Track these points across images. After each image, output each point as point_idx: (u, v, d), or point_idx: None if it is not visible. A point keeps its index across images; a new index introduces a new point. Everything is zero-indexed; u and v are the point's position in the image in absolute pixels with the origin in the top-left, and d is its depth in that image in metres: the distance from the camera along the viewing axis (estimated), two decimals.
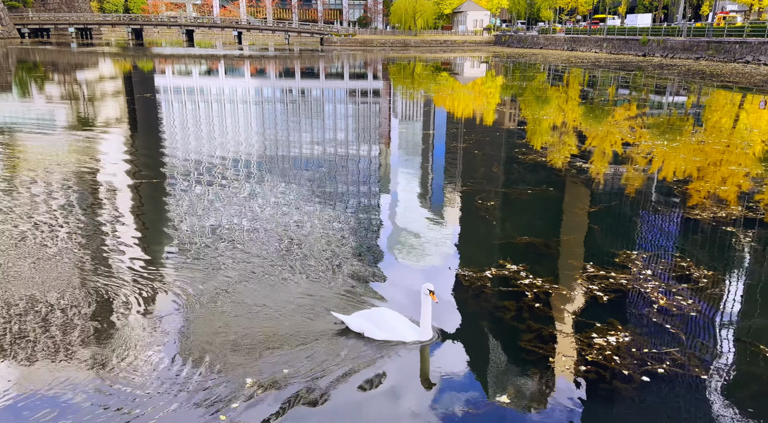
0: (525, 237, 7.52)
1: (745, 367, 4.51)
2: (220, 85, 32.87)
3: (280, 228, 7.77)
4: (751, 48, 41.55)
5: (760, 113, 21.01)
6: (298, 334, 4.94)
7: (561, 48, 71.18)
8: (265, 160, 12.45)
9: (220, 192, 9.67)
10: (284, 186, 10.16)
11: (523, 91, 28.34)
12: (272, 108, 23.12)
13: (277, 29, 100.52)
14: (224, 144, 14.53)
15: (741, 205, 8.82)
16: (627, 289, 5.84)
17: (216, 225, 7.87)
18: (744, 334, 5.05)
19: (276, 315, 5.28)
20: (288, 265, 6.46)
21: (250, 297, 5.63)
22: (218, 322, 5.13)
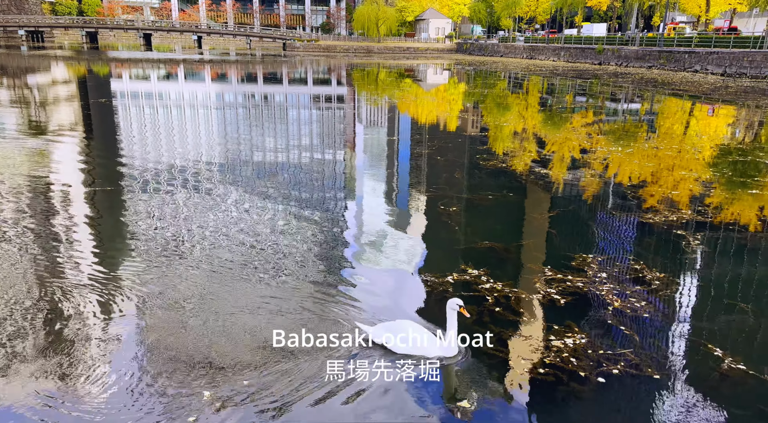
0: (486, 242, 7.63)
1: (695, 367, 4.68)
2: (179, 89, 32.24)
3: (242, 234, 7.66)
4: (699, 58, 43.45)
5: (709, 120, 21.97)
6: (268, 344, 4.86)
7: (520, 56, 72.78)
8: (228, 167, 12.26)
9: (180, 199, 9.46)
10: (246, 193, 10.03)
11: (484, 98, 28.83)
12: (234, 113, 22.80)
13: (238, 34, 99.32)
14: (184, 150, 14.24)
15: (691, 208, 9.19)
16: (583, 291, 5.99)
17: (176, 233, 7.69)
18: (694, 334, 5.24)
19: (240, 322, 5.19)
20: (252, 271, 6.37)
21: (213, 305, 5.52)
22: (179, 332, 5.01)
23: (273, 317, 5.34)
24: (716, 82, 35.92)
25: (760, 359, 4.79)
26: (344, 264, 6.85)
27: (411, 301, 5.82)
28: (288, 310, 5.47)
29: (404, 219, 9.02)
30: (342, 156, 14.43)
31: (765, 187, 10.58)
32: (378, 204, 9.88)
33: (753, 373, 4.54)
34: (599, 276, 6.39)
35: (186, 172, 11.62)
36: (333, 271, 6.56)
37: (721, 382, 4.45)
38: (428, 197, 10.27)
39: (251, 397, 4.18)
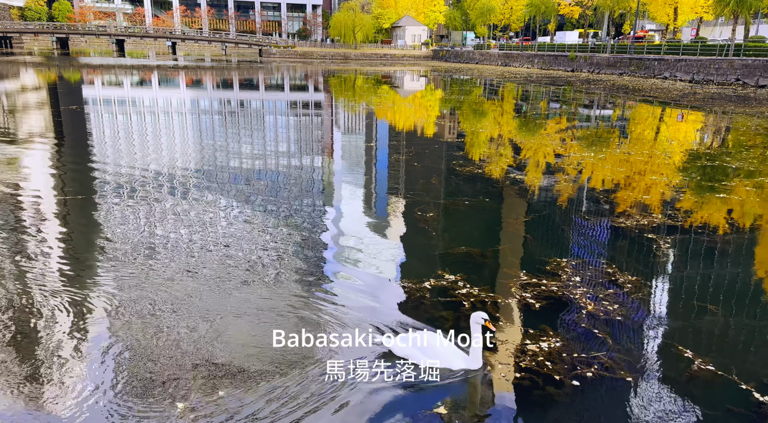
0: (463, 247, 7.69)
1: (666, 368, 4.77)
2: (153, 96, 31.81)
3: (218, 242, 7.57)
4: (668, 65, 44.59)
5: (678, 125, 22.53)
6: (250, 357, 4.80)
7: (495, 63, 73.72)
8: (203, 173, 12.13)
9: (156, 207, 9.31)
10: (222, 199, 9.92)
11: (461, 105, 29.11)
12: (210, 120, 22.59)
13: (213, 40, 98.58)
14: (159, 157, 14.03)
15: (662, 212, 9.40)
16: (558, 295, 6.07)
17: (151, 240, 7.56)
18: (665, 336, 5.35)
19: (215, 330, 5.12)
20: (228, 278, 6.29)
21: (188, 313, 5.43)
22: (154, 342, 4.92)
23: (249, 324, 5.28)
24: (685, 88, 36.89)
25: (728, 360, 4.91)
26: (321, 271, 6.81)
27: (388, 307, 5.82)
28: (264, 317, 5.42)
29: (381, 225, 9.03)
30: (319, 162, 14.40)
31: (732, 191, 10.88)
32: (355, 210, 9.87)
33: (721, 373, 4.65)
34: (573, 280, 6.49)
35: (161, 179, 11.45)
36: (309, 278, 6.52)
37: (691, 383, 4.55)
38: (405, 203, 10.30)
39: (227, 409, 4.12)
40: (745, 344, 5.25)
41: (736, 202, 10.18)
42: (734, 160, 13.94)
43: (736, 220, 9.22)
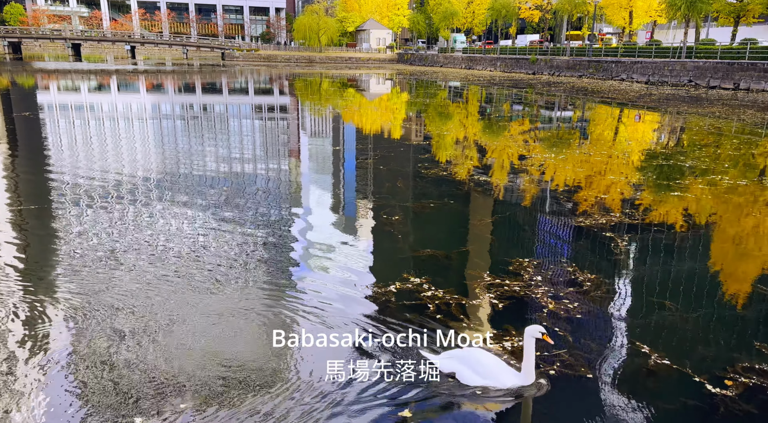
0: (428, 250, 7.75)
1: (625, 364, 4.91)
2: (112, 101, 31.00)
3: (184, 249, 7.42)
4: (625, 67, 45.97)
5: (636, 126, 23.24)
6: (207, 362, 4.72)
7: (459, 66, 74.61)
8: (166, 180, 11.87)
9: (116, 215, 9.07)
10: (186, 206, 9.73)
11: (426, 108, 29.34)
12: (172, 125, 22.15)
13: (174, 43, 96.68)
14: (119, 164, 13.67)
15: (620, 211, 9.67)
16: (520, 295, 6.18)
17: (110, 250, 7.36)
18: (623, 333, 5.51)
19: (178, 339, 5.01)
20: (196, 286, 6.18)
21: (149, 324, 5.30)
22: (114, 354, 4.79)
23: (213, 334, 5.19)
24: (641, 89, 38.08)
25: (683, 354, 5.08)
26: (286, 277, 6.76)
27: (354, 312, 5.81)
28: (229, 324, 5.34)
29: (347, 229, 9.02)
30: (284, 166, 14.28)
31: (687, 190, 11.28)
32: (321, 214, 9.83)
33: (676, 367, 4.82)
34: (535, 279, 6.61)
35: (121, 186, 11.16)
36: (274, 282, 6.46)
37: (648, 378, 4.69)
38: (371, 206, 10.32)
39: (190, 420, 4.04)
40: (698, 339, 5.45)
41: (690, 200, 10.56)
42: (688, 159, 14.46)
43: (691, 218, 9.56)
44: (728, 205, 10.28)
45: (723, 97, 32.27)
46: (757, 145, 17.02)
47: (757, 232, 8.83)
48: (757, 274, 7.23)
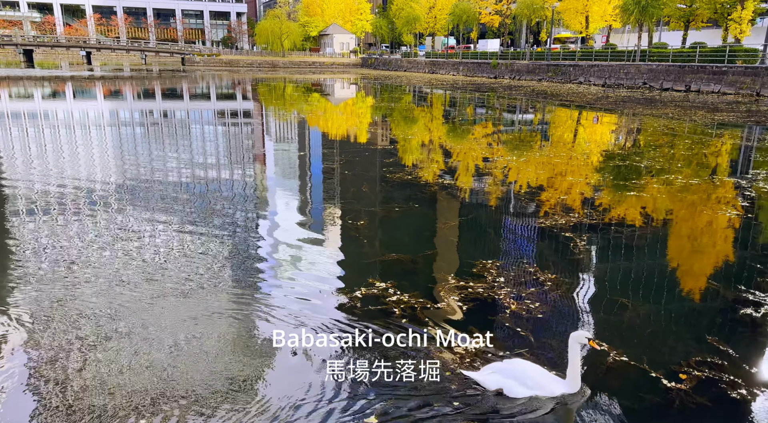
0: (393, 254, 7.77)
1: (586, 363, 5.02)
2: (68, 108, 30.04)
3: (146, 260, 7.23)
4: (583, 70, 47.24)
5: (594, 128, 23.89)
6: (174, 375, 4.60)
7: (423, 71, 75.26)
8: (126, 189, 11.56)
9: (73, 226, 8.77)
10: (147, 214, 9.50)
11: (391, 112, 29.47)
12: (131, 131, 21.61)
13: (132, 49, 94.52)
14: (76, 172, 13.23)
15: (579, 212, 9.91)
16: (483, 297, 6.26)
17: (69, 261, 7.11)
18: (589, 333, 5.63)
19: (145, 352, 4.88)
20: (155, 293, 6.02)
21: (120, 341, 5.15)
22: (76, 370, 4.62)
23: (177, 346, 5.08)
24: (598, 92, 39.18)
25: (639, 350, 5.23)
26: (250, 284, 6.67)
27: (318, 320, 5.77)
28: (193, 331, 5.23)
29: (312, 235, 8.96)
30: (248, 172, 14.11)
31: (643, 189, 11.64)
32: (285, 221, 9.73)
33: (634, 363, 4.96)
34: (497, 281, 6.71)
35: (78, 195, 10.80)
36: (237, 289, 6.36)
37: (607, 374, 4.81)
38: (336, 212, 10.29)
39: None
40: (654, 335, 5.62)
41: (646, 199, 10.90)
42: (644, 159, 14.93)
43: (647, 217, 9.88)
44: (683, 203, 10.66)
45: (676, 98, 33.50)
46: (708, 145, 17.72)
47: (711, 228, 9.19)
48: (710, 269, 7.52)
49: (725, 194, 11.33)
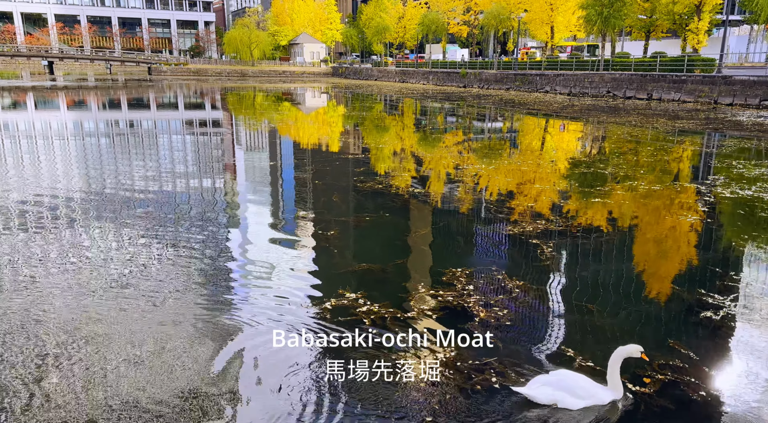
0: (364, 264, 7.76)
1: (552, 368, 5.08)
2: (29, 118, 29.19)
3: (112, 274, 7.04)
4: (549, 79, 48.23)
5: (561, 135, 24.39)
6: (140, 393, 4.47)
7: (393, 80, 75.72)
8: (91, 201, 11.26)
9: (35, 240, 8.48)
10: (116, 227, 9.26)
11: (363, 121, 29.54)
12: (95, 143, 21.10)
13: (96, 58, 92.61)
14: (38, 184, 12.82)
15: (547, 219, 10.08)
16: (453, 305, 6.30)
17: (33, 276, 6.87)
18: (550, 337, 5.71)
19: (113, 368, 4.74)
20: (125, 307, 5.87)
21: (88, 358, 4.99)
22: (39, 387, 4.45)
23: (139, 358, 4.95)
24: (564, 101, 40.04)
25: (605, 355, 5.32)
26: (217, 295, 6.56)
27: (289, 331, 5.71)
28: (163, 346, 5.11)
29: (282, 246, 8.87)
30: (218, 182, 13.92)
31: (608, 195, 11.92)
32: (254, 231, 9.62)
33: (599, 369, 5.04)
34: (467, 289, 6.76)
35: (41, 208, 10.47)
36: (204, 302, 6.25)
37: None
38: (306, 222, 10.22)
39: None
40: (619, 339, 5.73)
41: (611, 205, 11.16)
42: (609, 166, 15.30)
43: (613, 222, 10.11)
44: (646, 209, 10.95)
45: (638, 106, 34.48)
46: (670, 152, 18.27)
47: (673, 233, 9.45)
48: (672, 274, 7.73)
49: (687, 200, 11.68)
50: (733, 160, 16.11)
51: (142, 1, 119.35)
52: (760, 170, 14.29)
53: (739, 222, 10.12)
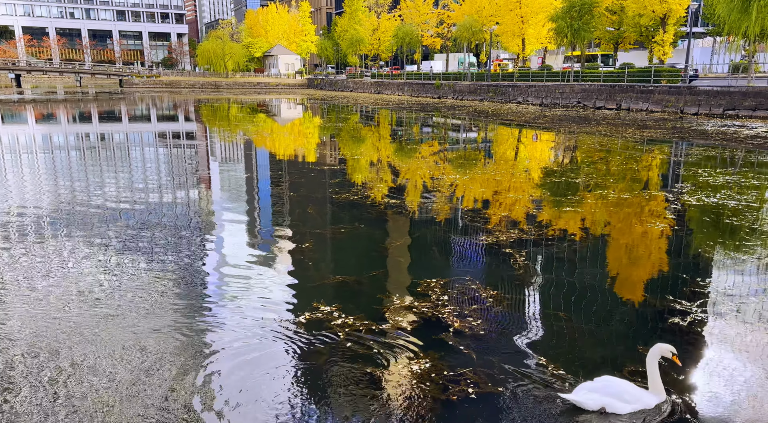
0: (339, 276, 7.74)
1: (525, 377, 5.13)
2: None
3: (86, 290, 6.87)
4: (521, 90, 49.06)
5: (534, 145, 24.78)
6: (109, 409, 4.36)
7: (368, 91, 76.08)
8: (62, 215, 10.99)
9: (5, 254, 8.24)
10: (88, 242, 9.05)
11: (339, 132, 29.57)
12: (66, 156, 20.66)
13: (65, 71, 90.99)
14: (4, 201, 12.47)
15: (520, 228, 10.20)
16: (428, 316, 6.31)
17: (6, 289, 6.66)
18: (523, 346, 5.76)
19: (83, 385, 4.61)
20: (97, 324, 5.72)
21: (60, 379, 4.84)
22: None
23: (114, 379, 4.83)
24: (536, 111, 40.74)
25: (577, 363, 5.40)
26: (193, 309, 6.46)
27: (262, 345, 5.65)
28: (138, 362, 4.99)
29: (256, 259, 8.79)
30: (192, 196, 13.74)
31: (580, 204, 12.12)
32: (229, 245, 9.51)
33: (571, 376, 5.10)
34: (441, 299, 6.79)
35: (9, 223, 10.17)
36: (175, 318, 6.14)
37: (546, 388, 4.92)
38: (281, 235, 10.16)
39: None
40: (590, 347, 5.82)
41: (583, 214, 11.36)
42: (580, 175, 15.58)
43: (585, 231, 10.28)
44: (618, 217, 11.16)
45: (608, 116, 35.27)
46: (639, 160, 18.71)
47: (642, 241, 9.65)
48: (640, 281, 7.88)
49: (656, 208, 11.95)
50: (699, 168, 16.58)
51: (112, 13, 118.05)
52: (725, 178, 14.73)
53: (705, 229, 10.40)
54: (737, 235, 9.55)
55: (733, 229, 9.94)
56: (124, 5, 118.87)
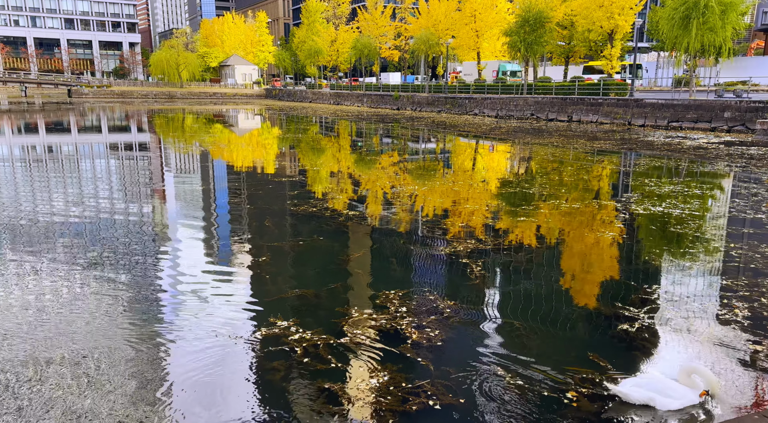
0: (296, 290, 7.66)
1: (485, 386, 5.19)
2: None
3: (29, 310, 6.54)
4: (477, 102, 50.07)
5: (491, 156, 25.27)
6: None
7: (328, 102, 76.06)
8: (4, 230, 10.47)
9: None
10: (31, 259, 8.63)
11: (298, 142, 29.38)
12: (9, 169, 19.73)
13: (9, 80, 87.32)
14: None
15: (477, 238, 10.36)
16: (386, 328, 6.31)
17: None
18: (480, 355, 5.83)
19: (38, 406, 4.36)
20: (44, 344, 5.44)
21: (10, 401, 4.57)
22: None
23: (70, 402, 4.61)
24: (492, 123, 41.62)
25: (532, 372, 5.51)
26: (144, 327, 6.25)
27: (216, 363, 5.52)
28: (86, 378, 4.77)
29: (211, 274, 8.59)
30: (144, 209, 13.34)
31: (533, 214, 12.41)
32: (183, 259, 9.26)
33: (527, 385, 5.20)
34: (400, 311, 6.80)
35: None
36: (130, 335, 5.93)
37: (503, 397, 4.99)
38: (237, 248, 9.98)
39: None
40: (545, 355, 5.94)
41: (537, 223, 11.64)
42: (534, 186, 15.98)
43: (539, 240, 10.53)
44: (570, 226, 11.49)
45: (560, 128, 36.38)
46: (590, 171, 19.34)
47: (596, 249, 9.96)
48: (590, 288, 8.13)
49: (606, 216, 12.37)
50: (647, 178, 17.28)
51: (60, 21, 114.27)
52: (670, 187, 15.40)
53: (652, 237, 10.82)
54: (682, 243, 9.98)
55: (679, 236, 10.38)
56: (73, 13, 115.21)
